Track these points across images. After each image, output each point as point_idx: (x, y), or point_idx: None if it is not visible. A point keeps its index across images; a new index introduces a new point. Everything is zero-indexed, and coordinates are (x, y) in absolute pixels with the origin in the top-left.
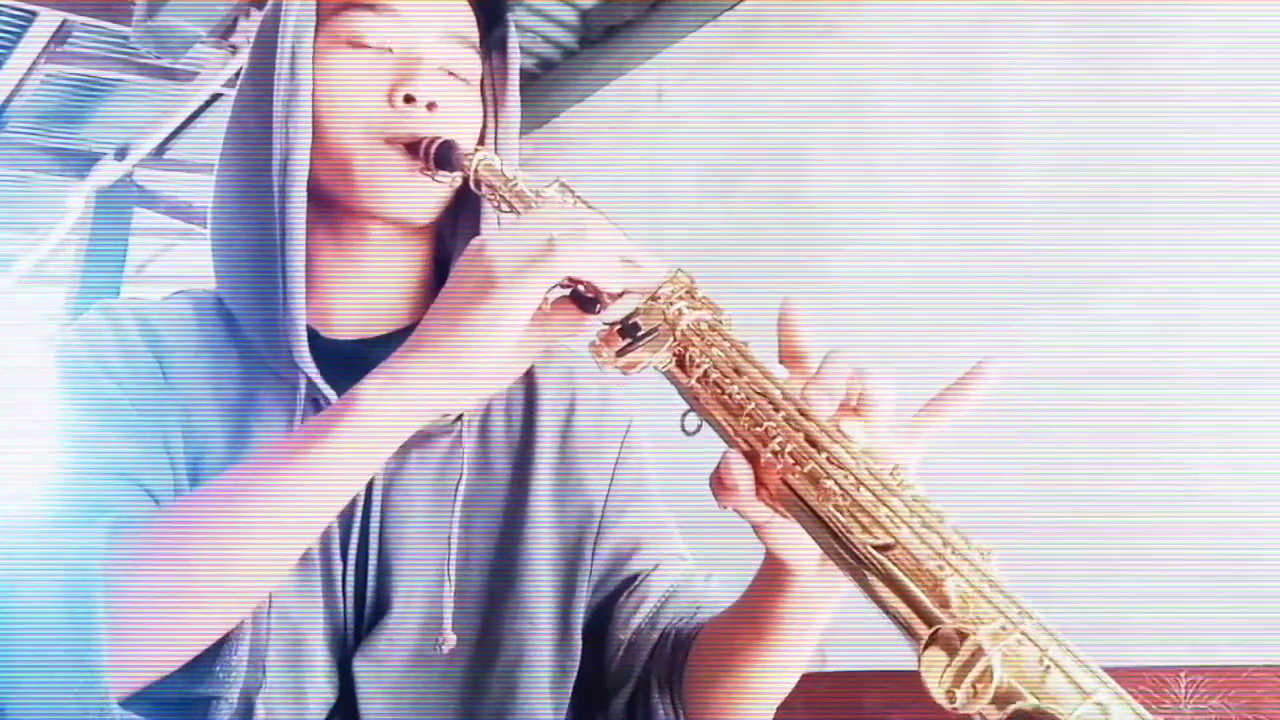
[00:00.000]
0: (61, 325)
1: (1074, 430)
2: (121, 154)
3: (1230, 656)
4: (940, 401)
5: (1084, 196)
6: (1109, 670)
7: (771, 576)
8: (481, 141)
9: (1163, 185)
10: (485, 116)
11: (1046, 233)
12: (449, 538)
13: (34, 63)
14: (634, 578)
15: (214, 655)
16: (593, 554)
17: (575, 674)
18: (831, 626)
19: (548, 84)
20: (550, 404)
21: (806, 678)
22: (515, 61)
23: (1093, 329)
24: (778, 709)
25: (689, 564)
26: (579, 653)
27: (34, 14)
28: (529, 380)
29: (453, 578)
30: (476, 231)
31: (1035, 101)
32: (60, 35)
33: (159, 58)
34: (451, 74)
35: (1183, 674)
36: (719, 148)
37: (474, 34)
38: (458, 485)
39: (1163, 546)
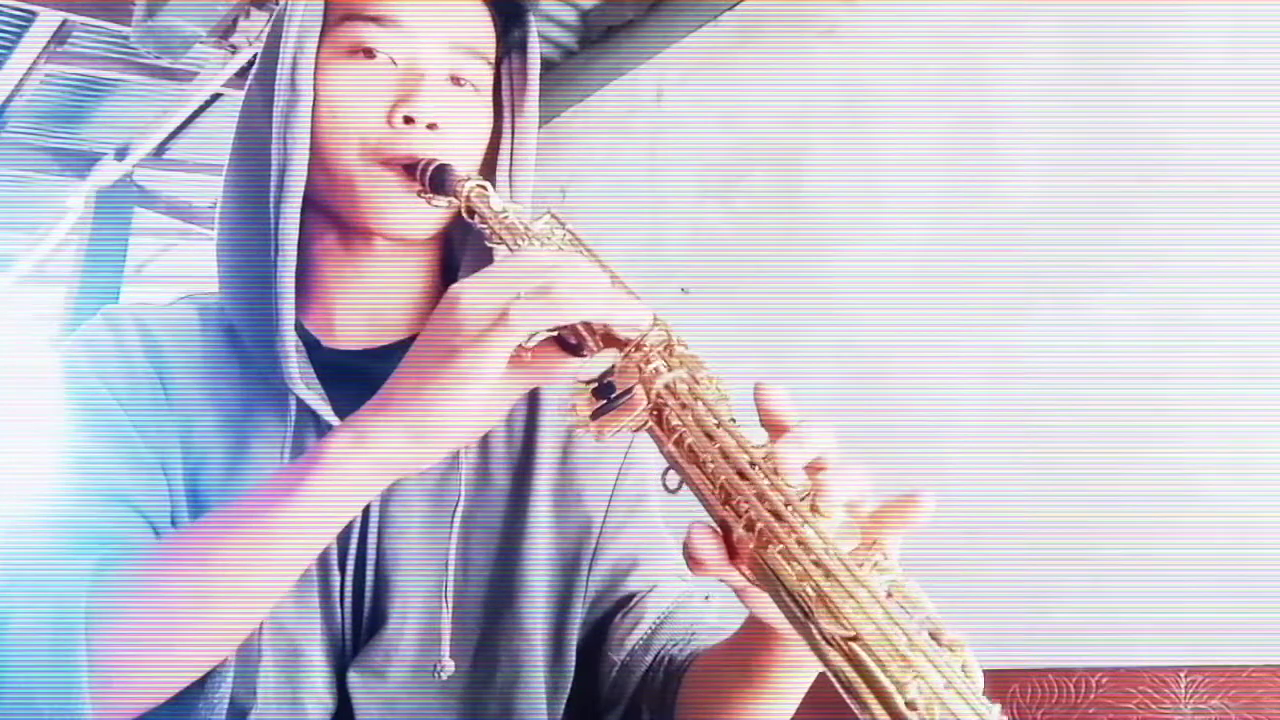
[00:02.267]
0: (62, 325)
1: (1074, 430)
2: (121, 154)
3: (1230, 656)
4: (883, 519)
5: (1084, 196)
6: (1109, 670)
7: (757, 632)
8: (495, 145)
9: (1163, 185)
10: (500, 120)
11: (1046, 233)
12: (447, 557)
13: (34, 63)
14: (630, 597)
15: (199, 689)
16: (589, 570)
17: (568, 692)
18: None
19: (548, 84)
20: (552, 416)
21: None
22: (535, 64)
23: (1093, 329)
24: None
25: (686, 584)
26: (572, 670)
27: (34, 14)
28: (531, 393)
29: (450, 603)
30: (484, 242)
31: (1035, 101)
32: (60, 35)
33: (159, 58)
34: (458, 82)
35: (1183, 674)
36: (719, 148)
37: (485, 42)
38: (456, 503)
39: (1163, 546)
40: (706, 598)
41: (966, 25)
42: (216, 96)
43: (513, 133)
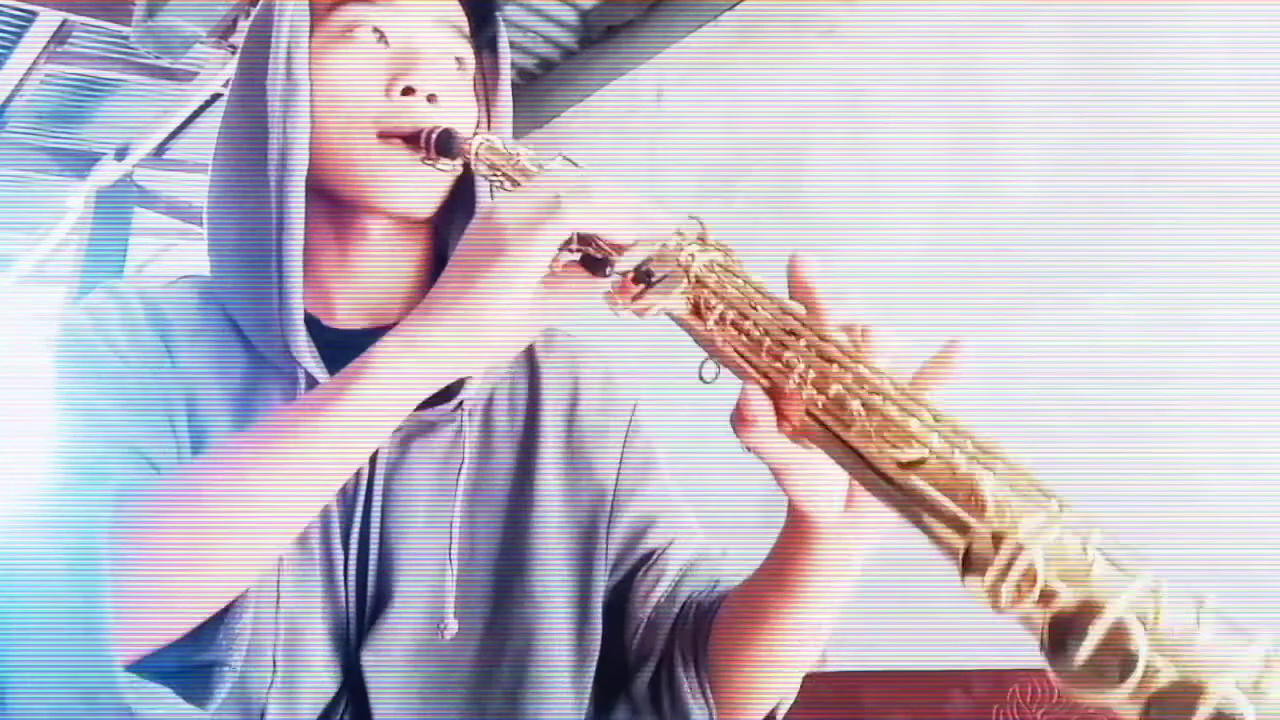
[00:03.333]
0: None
1: (1074, 430)
2: (121, 154)
3: None
4: (926, 375)
5: (1084, 196)
6: None
7: (795, 531)
8: None
9: (1162, 185)
10: (477, 115)
11: (1046, 233)
12: (450, 525)
13: (34, 63)
14: (650, 554)
15: (217, 622)
16: (608, 535)
17: (596, 659)
18: (832, 627)
19: (548, 84)
20: (553, 389)
21: (806, 677)
22: (506, 60)
23: (1093, 329)
24: None
25: (702, 538)
26: (599, 636)
27: (34, 14)
28: (531, 367)
29: (455, 564)
30: (499, 188)
31: (1034, 101)
32: (60, 35)
33: (159, 58)
34: (448, 61)
35: None
36: (719, 148)
37: (466, 27)
38: (459, 473)
39: (1163, 546)
40: (723, 551)
41: (966, 25)
42: (216, 96)
43: (489, 129)
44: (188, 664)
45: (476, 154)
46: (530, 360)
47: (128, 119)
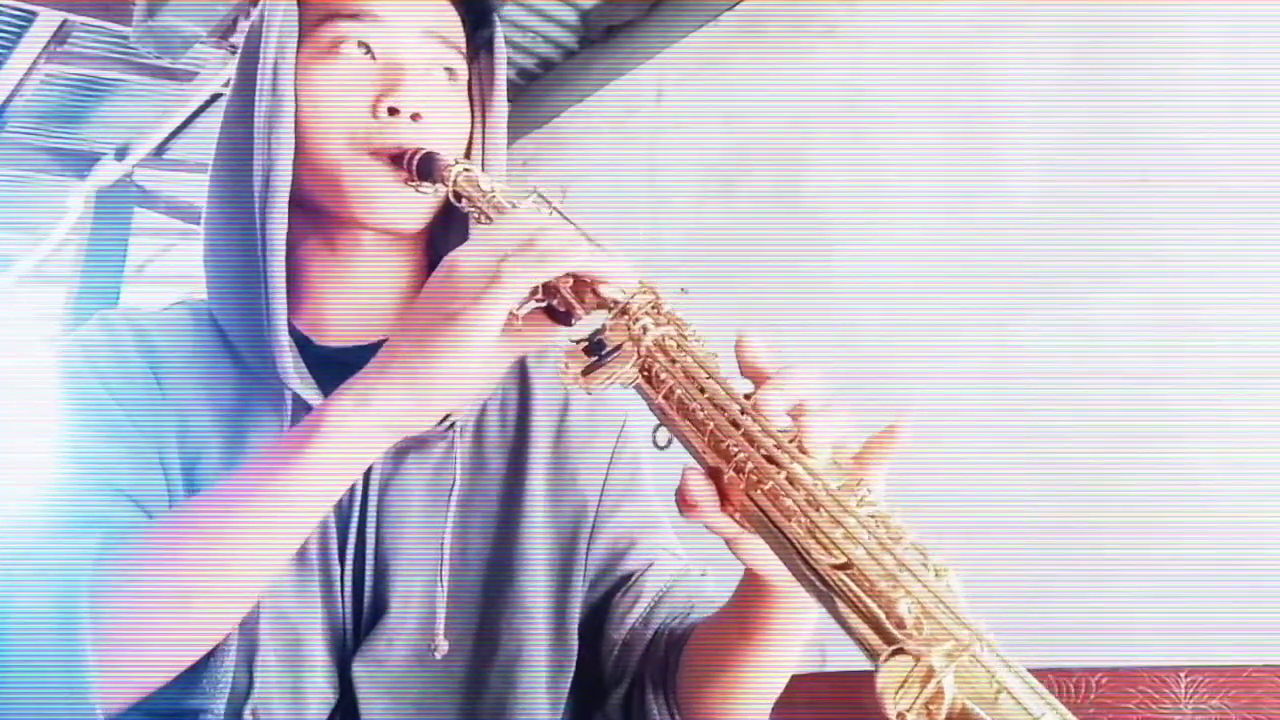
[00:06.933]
0: (61, 325)
1: (1073, 430)
2: (121, 154)
3: (1230, 656)
4: (866, 456)
5: (1084, 196)
6: (1109, 670)
7: (753, 586)
8: (470, 144)
9: (1163, 185)
10: (472, 119)
11: (1046, 233)
12: (443, 541)
13: (34, 63)
14: (628, 576)
15: (202, 667)
16: (587, 551)
17: (572, 672)
18: (832, 626)
19: (548, 84)
20: (544, 403)
21: (807, 678)
22: (502, 63)
23: (1092, 329)
24: (780, 708)
25: (682, 560)
26: (575, 651)
27: (34, 14)
28: (523, 379)
29: (445, 582)
30: (466, 237)
31: (1034, 101)
32: (60, 35)
33: (159, 58)
34: (438, 74)
35: (1183, 674)
36: (719, 148)
37: (459, 36)
38: (452, 487)
39: (1163, 546)
40: (702, 573)
41: (966, 25)
42: (216, 96)
43: (484, 130)
44: (174, 709)
45: (454, 182)
46: (522, 371)
47: (128, 119)
